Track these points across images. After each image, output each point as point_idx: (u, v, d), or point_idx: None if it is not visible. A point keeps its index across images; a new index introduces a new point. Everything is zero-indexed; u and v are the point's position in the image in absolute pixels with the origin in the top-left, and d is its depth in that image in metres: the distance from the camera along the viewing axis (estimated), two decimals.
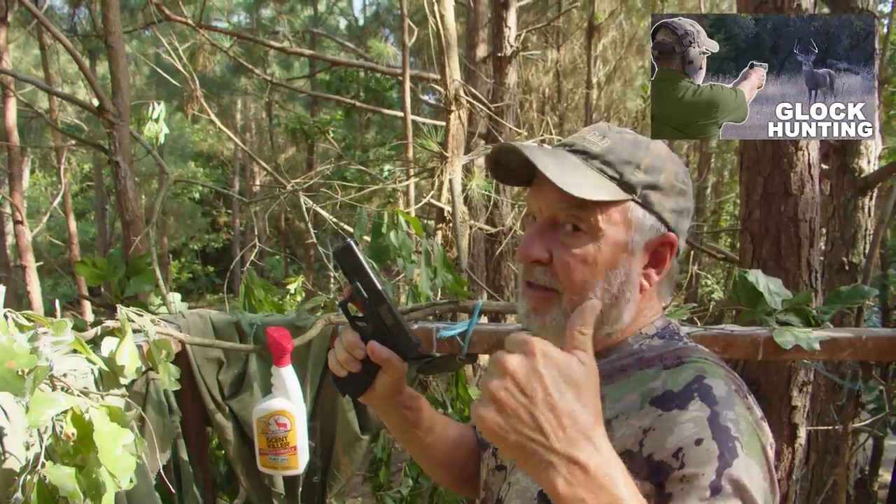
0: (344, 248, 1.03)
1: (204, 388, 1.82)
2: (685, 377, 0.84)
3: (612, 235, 0.89)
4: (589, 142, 0.93)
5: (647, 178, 0.90)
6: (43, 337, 0.95)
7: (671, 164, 0.93)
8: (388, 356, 1.03)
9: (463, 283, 1.99)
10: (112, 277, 1.98)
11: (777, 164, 2.33)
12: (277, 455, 1.70)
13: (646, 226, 0.91)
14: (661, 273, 0.94)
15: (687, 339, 0.96)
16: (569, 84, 10.86)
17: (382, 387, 1.07)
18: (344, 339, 1.05)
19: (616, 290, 0.91)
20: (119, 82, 2.97)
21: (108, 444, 1.03)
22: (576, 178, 0.88)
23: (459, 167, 3.07)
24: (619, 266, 0.90)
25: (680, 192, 0.93)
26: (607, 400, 0.87)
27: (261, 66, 11.81)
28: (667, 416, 0.80)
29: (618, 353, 0.94)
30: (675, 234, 0.93)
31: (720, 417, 0.77)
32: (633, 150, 0.92)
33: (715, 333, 1.76)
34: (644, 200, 0.91)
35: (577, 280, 0.90)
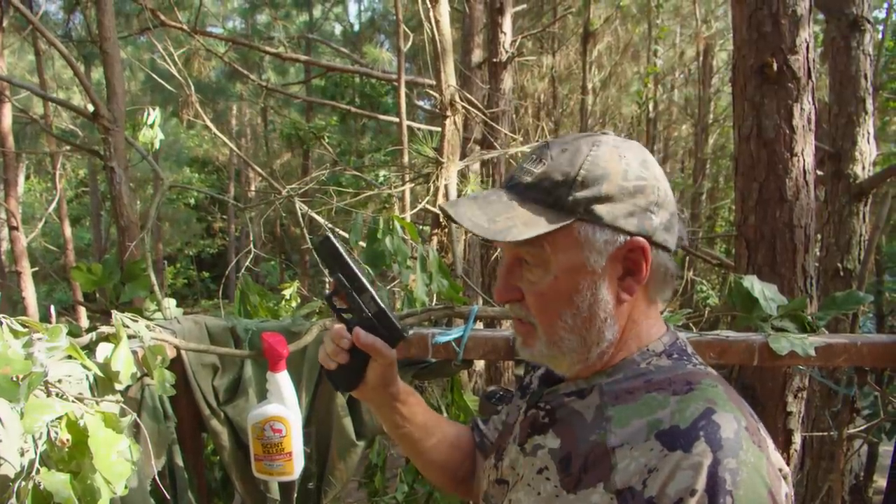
0: (323, 240, 1.05)
1: (199, 393, 1.81)
2: (693, 411, 0.80)
3: (566, 261, 0.88)
4: (525, 171, 0.91)
5: (586, 192, 0.86)
6: (38, 343, 0.94)
7: (616, 165, 0.88)
8: (373, 342, 1.05)
9: (458, 289, 1.99)
10: (107, 283, 1.97)
11: (772, 169, 2.34)
12: (273, 461, 1.69)
13: (600, 241, 0.87)
14: (642, 279, 0.90)
15: (696, 358, 0.93)
16: (564, 90, 10.89)
17: (373, 377, 1.08)
18: (332, 332, 1.07)
19: (586, 311, 0.89)
20: (114, 88, 2.96)
21: (103, 450, 1.03)
22: (506, 222, 0.86)
23: (455, 172, 3.07)
24: (583, 289, 0.88)
25: (635, 192, 0.88)
26: (613, 423, 0.86)
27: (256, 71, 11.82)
28: (671, 458, 0.77)
29: (624, 372, 0.91)
30: (641, 238, 0.88)
31: (720, 467, 0.75)
32: (567, 168, 0.87)
33: (710, 339, 1.76)
34: (591, 217, 0.86)
35: (544, 313, 0.91)
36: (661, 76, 11.83)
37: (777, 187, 2.34)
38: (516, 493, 0.95)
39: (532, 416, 0.99)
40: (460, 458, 1.25)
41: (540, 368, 1.14)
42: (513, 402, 1.17)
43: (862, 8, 3.93)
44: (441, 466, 1.24)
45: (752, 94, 2.37)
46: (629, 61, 11.60)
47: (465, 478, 1.25)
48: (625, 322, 0.92)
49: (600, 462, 0.84)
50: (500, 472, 1.03)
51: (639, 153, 0.91)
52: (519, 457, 0.98)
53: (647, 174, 0.90)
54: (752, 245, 2.40)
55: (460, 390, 2.05)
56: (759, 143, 2.37)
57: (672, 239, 0.92)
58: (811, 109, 2.32)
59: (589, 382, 0.93)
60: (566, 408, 0.94)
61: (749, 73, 2.36)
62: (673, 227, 0.92)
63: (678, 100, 14.13)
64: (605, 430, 0.86)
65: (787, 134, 2.31)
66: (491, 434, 1.23)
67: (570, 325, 0.90)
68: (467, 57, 6.34)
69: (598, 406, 0.89)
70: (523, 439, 0.98)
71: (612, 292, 0.89)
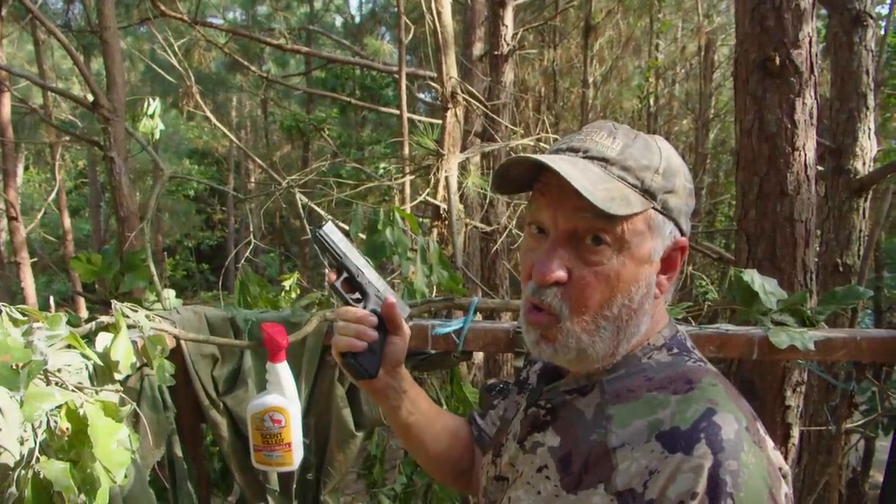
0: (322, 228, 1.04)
1: (198, 384, 1.81)
2: (694, 412, 0.80)
3: (637, 246, 0.84)
4: (602, 145, 0.86)
5: (665, 182, 0.86)
6: (37, 331, 0.94)
7: (681, 165, 0.89)
8: (399, 313, 1.06)
9: (458, 280, 1.99)
10: (106, 273, 1.96)
11: (773, 164, 2.33)
12: (272, 451, 1.69)
13: (665, 233, 0.87)
14: (673, 278, 0.91)
15: (695, 352, 0.93)
16: (565, 83, 10.86)
17: (394, 353, 1.08)
18: (348, 316, 1.05)
19: (637, 304, 0.86)
20: (114, 77, 2.95)
21: (103, 438, 1.03)
22: (607, 192, 0.81)
23: (455, 164, 3.06)
24: (641, 279, 0.86)
25: (690, 193, 0.90)
26: (613, 423, 0.85)
27: (256, 63, 11.79)
28: (671, 460, 0.77)
29: (626, 368, 0.90)
30: (685, 238, 0.90)
31: (721, 469, 0.74)
32: (646, 153, 0.86)
33: (710, 333, 1.76)
34: (664, 206, 0.86)
35: (594, 299, 0.85)
36: (663, 70, 11.79)
37: (778, 182, 2.34)
38: (516, 492, 0.94)
39: (532, 414, 0.98)
40: (461, 450, 1.24)
41: (537, 363, 1.13)
42: (510, 397, 1.17)
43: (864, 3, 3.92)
44: (442, 458, 1.24)
45: (755, 89, 2.36)
46: (630, 55, 11.56)
47: (465, 470, 1.25)
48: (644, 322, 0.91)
49: (601, 462, 0.83)
50: (499, 468, 1.02)
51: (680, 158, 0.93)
52: (518, 454, 0.98)
53: (691, 180, 0.91)
54: (752, 239, 2.40)
55: (460, 382, 2.05)
56: (760, 138, 2.36)
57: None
58: (813, 104, 2.32)
59: (590, 379, 0.92)
60: (567, 405, 0.93)
61: (751, 67, 2.35)
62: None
63: (679, 94, 14.10)
64: (605, 429, 0.85)
65: (789, 128, 2.30)
66: (489, 429, 1.23)
67: (615, 315, 0.86)
68: (468, 49, 6.32)
69: (599, 404, 0.89)
70: (523, 436, 0.98)
71: (654, 286, 0.89)
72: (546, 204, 0.87)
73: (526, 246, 0.92)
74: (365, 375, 1.07)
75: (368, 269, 1.08)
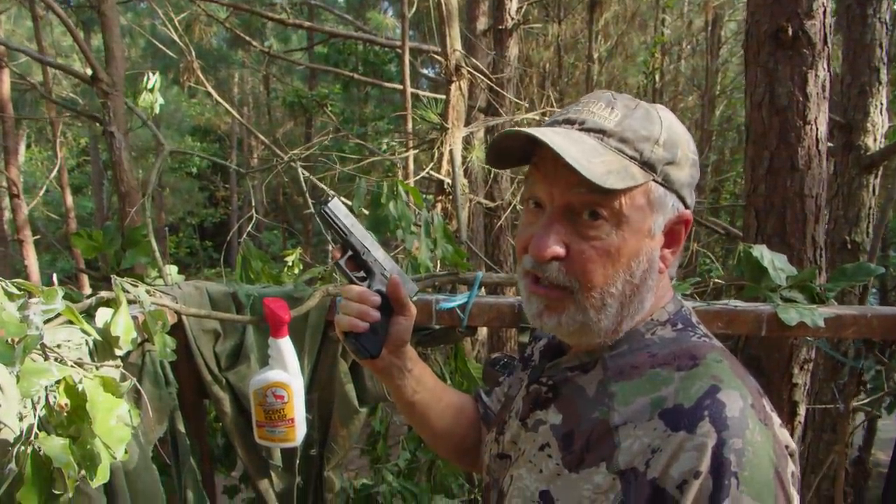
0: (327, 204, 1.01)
1: (200, 359, 1.79)
2: (698, 389, 0.77)
3: (637, 221, 0.82)
4: (599, 116, 0.83)
5: (666, 154, 0.83)
6: (33, 306, 0.92)
7: (684, 133, 0.87)
8: (405, 293, 1.04)
9: (463, 255, 1.97)
10: (108, 249, 1.95)
11: (784, 138, 2.29)
12: (275, 427, 1.69)
13: (667, 206, 0.84)
14: (677, 252, 0.89)
15: (700, 328, 0.90)
16: (570, 59, 10.75)
17: (398, 333, 1.07)
18: (352, 294, 1.04)
19: (639, 279, 0.84)
20: (112, 51, 2.91)
21: (102, 414, 1.01)
22: (602, 166, 0.79)
23: (460, 139, 3.02)
24: (642, 253, 0.84)
25: (693, 164, 0.87)
26: (615, 401, 0.83)
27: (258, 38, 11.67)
28: (674, 439, 0.75)
29: (629, 345, 0.88)
30: (689, 210, 0.87)
31: (725, 447, 0.72)
32: (646, 123, 0.83)
33: (718, 309, 1.74)
34: (665, 179, 0.83)
35: (598, 275, 0.82)
36: (669, 46, 11.68)
37: (789, 156, 2.29)
38: (518, 470, 0.93)
39: (534, 391, 0.96)
40: (466, 427, 1.23)
41: (541, 340, 1.11)
42: (515, 373, 1.15)
43: None
44: (448, 435, 1.23)
45: (766, 61, 2.31)
46: (636, 31, 11.42)
47: (470, 448, 1.24)
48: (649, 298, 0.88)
49: (603, 441, 0.82)
50: (502, 446, 1.01)
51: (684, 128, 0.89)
52: (520, 432, 0.96)
53: (695, 151, 0.89)
54: (761, 215, 2.37)
55: (464, 358, 2.04)
56: (771, 111, 2.32)
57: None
58: (826, 77, 2.27)
59: (592, 356, 0.90)
60: (569, 383, 0.92)
61: (763, 38, 2.30)
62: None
63: (685, 70, 13.97)
64: (607, 407, 0.84)
65: (801, 101, 2.25)
66: (494, 406, 1.21)
67: (619, 291, 0.84)
68: (473, 24, 6.23)
69: (601, 381, 0.87)
70: (525, 414, 0.96)
71: (658, 261, 0.87)
72: (541, 178, 0.85)
73: (524, 220, 0.90)
74: (366, 355, 1.05)
75: (374, 246, 1.05)
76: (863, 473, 3.40)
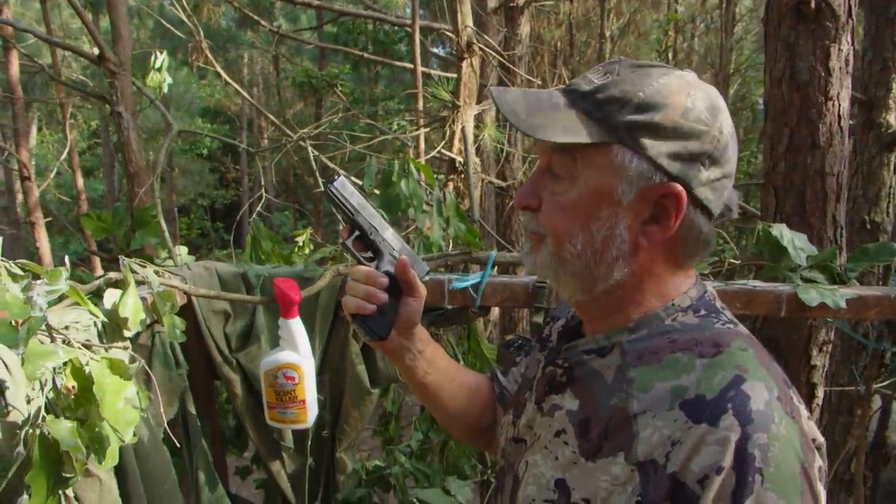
0: (334, 183, 1.00)
1: (211, 340, 1.78)
2: (721, 379, 0.75)
3: (592, 181, 0.82)
4: (586, 80, 0.84)
5: (637, 117, 0.79)
6: (37, 287, 0.90)
7: (679, 99, 0.80)
8: (414, 275, 1.03)
9: (476, 234, 1.93)
10: (117, 230, 1.94)
11: (805, 114, 2.23)
12: (286, 409, 1.67)
13: (634, 172, 0.80)
14: (667, 230, 0.82)
15: (725, 314, 0.87)
16: (582, 37, 10.63)
17: (408, 315, 1.05)
18: (359, 275, 1.02)
19: (599, 243, 0.83)
20: (119, 30, 2.88)
21: (109, 397, 0.99)
22: (544, 120, 0.81)
23: (471, 117, 2.97)
24: (602, 217, 0.82)
25: (689, 134, 0.79)
26: (634, 387, 0.80)
27: (267, 18, 11.60)
28: (695, 431, 0.72)
29: (648, 329, 0.85)
30: (679, 185, 0.80)
31: (749, 442, 0.70)
32: (629, 87, 0.80)
33: (737, 289, 1.71)
34: (633, 143, 0.79)
35: (555, 227, 0.85)
36: (682, 24, 11.51)
37: (809, 133, 2.23)
38: (533, 456, 0.91)
39: (550, 374, 0.94)
40: (481, 406, 1.22)
41: (559, 320, 1.10)
42: (532, 354, 1.13)
43: None
44: (462, 416, 1.21)
45: (787, 34, 2.24)
46: (648, 8, 11.28)
47: (485, 428, 1.22)
48: (645, 275, 0.86)
49: (621, 429, 0.79)
50: (518, 430, 0.98)
51: (711, 99, 0.83)
52: (536, 416, 0.94)
53: (711, 122, 0.81)
54: (780, 193, 2.31)
55: (477, 338, 2.02)
56: (791, 87, 2.25)
57: (716, 202, 0.84)
58: (849, 51, 2.20)
59: (610, 339, 0.88)
60: (585, 366, 0.89)
61: (784, 11, 2.23)
62: (721, 190, 0.84)
63: (699, 49, 13.80)
64: (626, 394, 0.81)
65: (823, 76, 2.19)
66: (511, 387, 1.19)
67: (579, 251, 0.84)
68: (484, 1, 6.15)
69: (620, 367, 0.84)
70: (540, 398, 0.94)
71: (632, 233, 0.83)
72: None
73: None
74: (374, 337, 1.04)
75: (383, 226, 1.03)
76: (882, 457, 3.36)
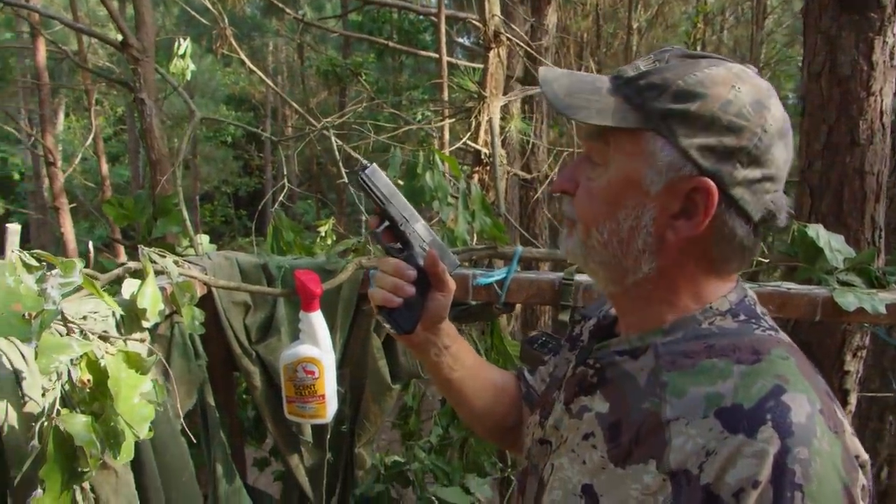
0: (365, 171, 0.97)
1: (230, 332, 1.76)
2: (760, 388, 0.71)
3: (622, 167, 0.80)
4: (633, 67, 0.82)
5: (672, 105, 0.76)
6: (51, 278, 0.87)
7: (722, 91, 0.76)
8: (443, 268, 1.00)
9: (502, 228, 1.89)
10: (139, 218, 1.93)
11: (845, 110, 2.15)
12: (305, 403, 1.65)
13: (663, 161, 0.77)
14: (696, 226, 0.78)
15: (766, 320, 0.82)
16: (609, 28, 10.50)
17: (435, 309, 1.03)
18: (387, 267, 1.00)
19: (625, 233, 0.81)
20: (142, 16, 2.86)
21: (125, 391, 0.97)
22: (582, 102, 0.79)
23: (498, 108, 2.91)
24: (629, 205, 0.80)
25: (727, 128, 0.75)
26: (668, 392, 0.76)
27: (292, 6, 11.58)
28: (731, 442, 0.69)
29: (684, 332, 0.81)
30: (709, 180, 0.76)
31: (789, 456, 0.66)
32: (671, 74, 0.77)
33: (770, 291, 1.66)
34: (666, 131, 0.76)
35: (584, 213, 0.84)
36: (712, 16, 11.33)
37: (849, 130, 2.15)
38: (559, 459, 0.88)
39: (580, 374, 0.90)
40: (507, 405, 1.18)
41: (591, 319, 1.06)
42: (561, 353, 1.09)
43: None
44: (486, 414, 1.18)
45: (828, 26, 2.15)
46: (677, 0, 11.11)
47: (510, 428, 1.19)
48: (677, 274, 0.82)
49: (653, 435, 0.75)
50: (545, 431, 0.95)
51: (759, 94, 0.77)
52: (564, 417, 0.91)
53: (754, 118, 0.76)
54: (816, 192, 2.24)
55: (500, 335, 1.98)
56: (831, 81, 2.17)
57: (755, 205, 0.78)
58: (894, 43, 2.11)
59: (643, 340, 0.84)
60: (617, 368, 0.85)
61: (826, 2, 2.15)
62: (762, 192, 0.78)
63: (727, 42, 13.58)
64: (659, 398, 0.77)
65: (865, 70, 2.10)
66: (538, 386, 1.16)
67: (605, 239, 0.82)
68: None
69: (653, 369, 0.80)
70: (569, 398, 0.91)
71: (659, 226, 0.79)
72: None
73: None
74: (400, 331, 1.02)
75: (414, 217, 1.01)
76: None
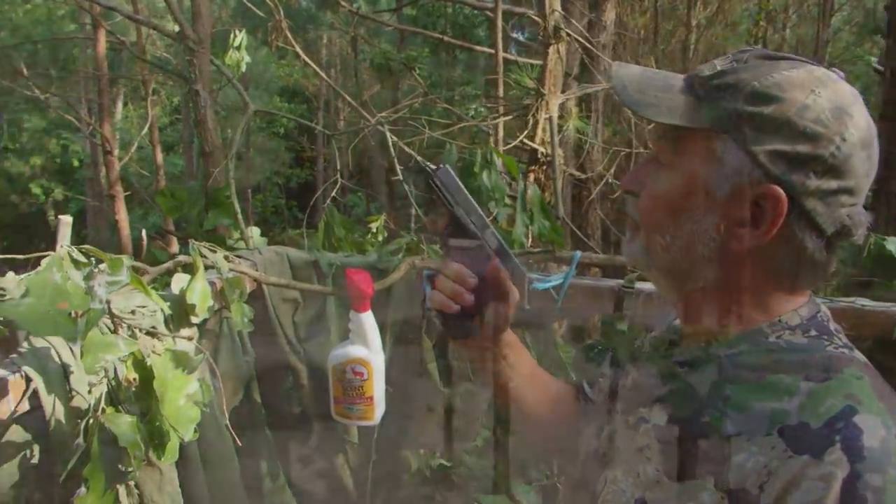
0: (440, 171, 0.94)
1: (279, 328, 1.75)
2: (829, 408, 0.66)
3: (688, 169, 0.77)
4: (710, 66, 0.78)
5: (745, 107, 0.71)
6: (98, 276, 0.84)
7: (799, 96, 0.70)
8: (506, 278, 0.96)
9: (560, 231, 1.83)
10: (191, 209, 1.93)
11: None
12: (352, 405, 1.62)
13: (731, 165, 0.73)
14: (762, 236, 0.73)
15: (839, 338, 0.76)
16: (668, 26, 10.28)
17: (494, 318, 0.98)
18: (450, 271, 0.96)
19: (686, 237, 0.77)
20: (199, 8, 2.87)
21: (171, 393, 0.94)
22: (652, 99, 0.77)
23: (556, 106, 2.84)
24: (692, 209, 0.76)
25: (802, 134, 0.70)
26: (730, 406, 0.72)
27: None
28: (795, 462, 0.64)
29: (749, 344, 0.76)
30: (779, 188, 0.71)
31: (860, 482, 0.60)
32: (747, 75, 0.73)
33: (843, 306, 1.56)
34: (736, 134, 0.72)
35: (648, 217, 0.81)
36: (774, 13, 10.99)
37: None
38: (613, 471, 0.84)
39: (639, 385, 0.87)
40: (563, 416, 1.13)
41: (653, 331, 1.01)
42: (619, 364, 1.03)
43: None
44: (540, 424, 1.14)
45: None
46: None
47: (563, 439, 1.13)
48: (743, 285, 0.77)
49: (712, 451, 0.71)
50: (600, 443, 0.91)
51: (841, 100, 0.71)
52: (620, 429, 0.87)
53: (833, 126, 0.70)
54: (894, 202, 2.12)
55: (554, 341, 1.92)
56: None
57: (828, 218, 0.72)
58: None
59: (707, 352, 0.79)
60: (678, 379, 0.81)
61: None
62: (837, 205, 0.72)
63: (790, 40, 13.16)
64: (720, 412, 0.72)
65: None
66: (595, 397, 1.11)
67: (667, 243, 0.79)
68: None
69: (716, 383, 0.75)
70: (627, 409, 0.87)
71: (723, 233, 0.75)
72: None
73: None
74: (456, 337, 1.00)
75: (483, 223, 0.97)
76: None
